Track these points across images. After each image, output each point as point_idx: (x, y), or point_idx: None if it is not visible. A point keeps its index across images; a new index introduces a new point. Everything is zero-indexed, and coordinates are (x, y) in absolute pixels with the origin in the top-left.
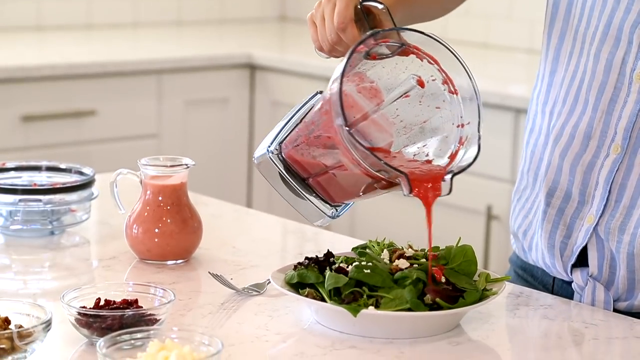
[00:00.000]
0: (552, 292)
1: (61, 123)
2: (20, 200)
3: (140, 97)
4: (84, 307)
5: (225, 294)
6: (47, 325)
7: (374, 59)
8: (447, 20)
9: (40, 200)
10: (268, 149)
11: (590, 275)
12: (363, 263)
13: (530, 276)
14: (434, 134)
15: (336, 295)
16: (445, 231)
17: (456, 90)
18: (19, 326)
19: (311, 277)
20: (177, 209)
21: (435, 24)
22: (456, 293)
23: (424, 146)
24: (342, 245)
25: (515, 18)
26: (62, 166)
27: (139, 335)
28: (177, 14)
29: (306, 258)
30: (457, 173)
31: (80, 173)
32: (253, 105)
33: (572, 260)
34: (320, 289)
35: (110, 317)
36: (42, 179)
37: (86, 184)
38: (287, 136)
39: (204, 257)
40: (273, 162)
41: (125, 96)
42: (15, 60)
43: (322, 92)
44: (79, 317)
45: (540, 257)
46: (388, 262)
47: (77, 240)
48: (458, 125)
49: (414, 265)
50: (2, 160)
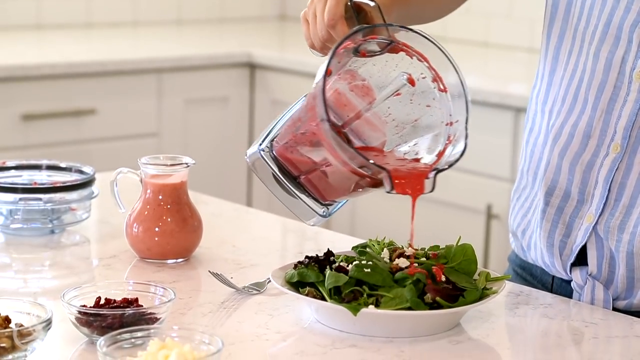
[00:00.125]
0: (551, 291)
1: (61, 122)
2: (20, 199)
3: (140, 96)
4: (84, 306)
5: (226, 293)
6: (48, 324)
7: (364, 56)
8: (447, 19)
9: (40, 199)
10: (259, 147)
11: (590, 274)
12: (363, 262)
13: (529, 275)
14: (424, 132)
15: (336, 294)
16: (445, 230)
17: (445, 88)
18: (20, 325)
19: (311, 276)
20: (177, 207)
21: (435, 22)
22: (456, 292)
23: (415, 145)
24: (342, 244)
25: (515, 17)
26: (63, 165)
27: (139, 334)
28: (177, 13)
29: (306, 257)
30: (442, 170)
31: (81, 172)
32: (253, 104)
33: (572, 259)
34: (320, 288)
35: (110, 316)
36: (43, 177)
37: (86, 183)
38: (277, 134)
39: (204, 256)
40: (264, 160)
41: (125, 95)
42: (15, 59)
43: None
44: (79, 316)
45: (539, 256)
46: (388, 261)
47: (78, 239)
48: (447, 124)
49: (414, 264)
50: (2, 159)
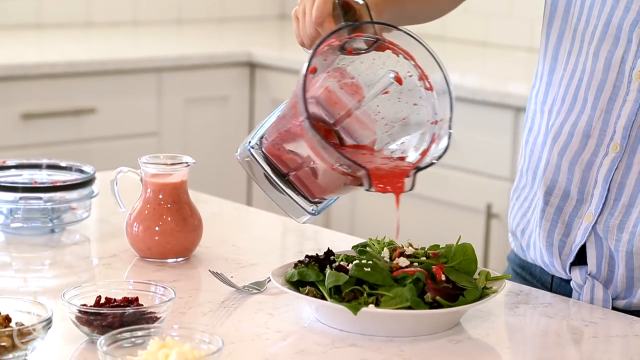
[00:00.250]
0: (550, 290)
1: (61, 121)
2: (20, 198)
3: (140, 95)
4: (84, 305)
5: (226, 292)
6: (48, 323)
7: (350, 53)
8: (446, 18)
9: (40, 198)
10: (249, 144)
11: (589, 274)
12: (363, 261)
13: (528, 274)
14: (412, 130)
15: (336, 294)
16: (445, 229)
17: (431, 86)
18: (20, 324)
19: (311, 275)
20: (177, 207)
21: (435, 22)
22: (456, 291)
23: (402, 143)
24: (342, 243)
25: (515, 16)
26: (63, 164)
27: (139, 333)
28: (177, 12)
29: (306, 256)
30: (423, 169)
31: (81, 171)
32: (253, 103)
33: (571, 259)
34: (320, 287)
35: (110, 315)
36: (43, 177)
37: (86, 182)
38: (266, 131)
39: (204, 255)
40: (253, 157)
41: (125, 94)
42: (15, 58)
43: None
44: (79, 315)
45: (538, 255)
46: (388, 260)
47: (78, 238)
48: (432, 122)
49: (414, 263)
50: (2, 158)
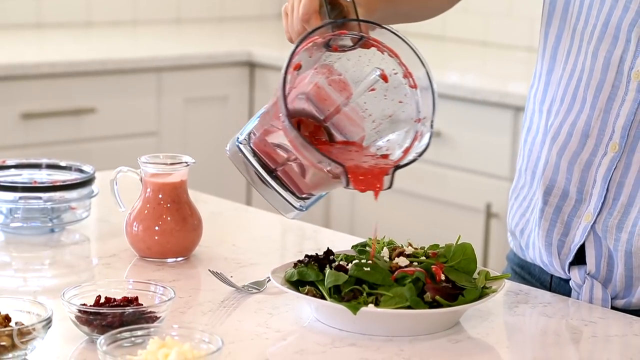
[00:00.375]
0: (549, 290)
1: (61, 121)
2: (20, 198)
3: (140, 95)
4: (84, 304)
5: (225, 292)
6: (48, 322)
7: (336, 50)
8: (445, 18)
9: (40, 198)
10: (238, 140)
11: (588, 273)
12: (363, 261)
13: (527, 274)
14: (397, 127)
15: (336, 293)
16: (444, 229)
17: (415, 84)
18: (20, 324)
19: (311, 275)
20: (177, 206)
21: (435, 22)
22: (456, 291)
23: (388, 140)
24: (341, 243)
25: (514, 16)
26: (62, 164)
27: (139, 332)
28: (176, 12)
29: (306, 256)
30: (402, 167)
31: (81, 171)
32: (253, 103)
33: (570, 259)
34: (320, 287)
35: (110, 315)
36: (42, 176)
37: (86, 182)
38: (254, 126)
39: (204, 254)
40: (242, 152)
41: (125, 94)
42: (15, 58)
43: None
44: (79, 314)
45: (537, 255)
46: (388, 259)
47: (77, 237)
48: (416, 120)
49: (414, 263)
50: (2, 158)
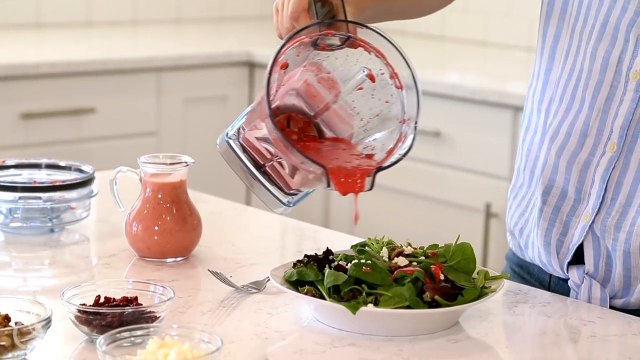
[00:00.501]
0: (548, 289)
1: (61, 121)
2: (20, 198)
3: (139, 95)
4: (83, 304)
5: (225, 292)
6: (47, 322)
7: (324, 49)
8: (445, 17)
9: (40, 198)
10: (227, 135)
11: (587, 273)
12: (362, 261)
13: (526, 273)
14: (384, 127)
15: (335, 293)
16: (444, 229)
17: (402, 85)
18: (19, 323)
19: (310, 275)
20: (176, 206)
21: (434, 21)
22: (455, 291)
23: (374, 139)
24: (341, 243)
25: (514, 15)
26: (62, 164)
27: (138, 332)
28: (176, 12)
29: (305, 256)
30: (386, 168)
31: (80, 171)
32: (252, 102)
33: (568, 258)
34: (319, 287)
35: (110, 315)
36: (42, 176)
37: (86, 182)
38: (243, 122)
39: (204, 254)
40: (231, 148)
41: (124, 94)
42: (15, 58)
43: None
44: (78, 314)
45: (536, 254)
46: (387, 259)
47: (77, 237)
48: (401, 121)
49: (413, 263)
50: (2, 158)
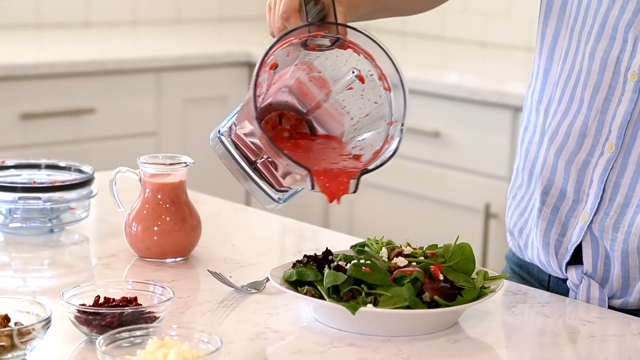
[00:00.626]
0: (547, 289)
1: (60, 121)
2: (19, 198)
3: (139, 95)
4: (83, 304)
5: (224, 292)
6: (47, 322)
7: (313, 50)
8: (444, 18)
9: (39, 198)
10: (219, 132)
11: (585, 273)
12: (362, 261)
13: (526, 273)
14: (373, 128)
15: (335, 293)
16: (443, 229)
17: (390, 87)
18: (19, 324)
19: (310, 275)
20: (176, 207)
21: (433, 22)
22: (454, 291)
23: (363, 140)
24: (340, 243)
25: (513, 16)
26: (62, 164)
27: (138, 332)
28: (176, 12)
29: (305, 256)
30: (371, 171)
31: (80, 171)
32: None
33: (567, 258)
34: (318, 287)
35: (109, 315)
36: (42, 176)
37: (85, 182)
38: (235, 119)
39: (203, 255)
40: (223, 143)
41: (124, 94)
42: (15, 58)
43: None
44: (78, 314)
45: (535, 254)
46: (386, 260)
47: (77, 238)
48: (388, 123)
49: (412, 263)
50: (1, 158)
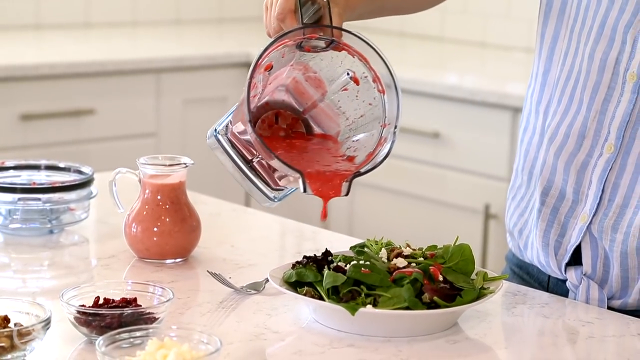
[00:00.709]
0: (547, 290)
1: (60, 122)
2: (19, 199)
3: (139, 96)
4: (83, 305)
5: (224, 293)
6: (47, 323)
7: (308, 51)
8: (444, 18)
9: (39, 199)
10: (216, 130)
11: (584, 274)
12: (361, 262)
13: (526, 274)
14: (367, 129)
15: (334, 294)
16: (443, 230)
17: (383, 89)
18: (19, 325)
19: (309, 276)
20: (175, 207)
21: (432, 22)
22: (454, 292)
23: (358, 141)
24: (340, 244)
25: (513, 17)
26: (61, 165)
27: (137, 333)
28: (175, 13)
29: (304, 257)
30: (363, 174)
31: (79, 172)
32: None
33: (566, 259)
34: (318, 288)
35: (109, 316)
36: (41, 177)
37: (85, 183)
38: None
39: (203, 255)
40: (219, 142)
41: (124, 95)
42: (14, 59)
43: None
44: (78, 315)
45: (535, 255)
46: (386, 260)
47: (76, 239)
48: (382, 125)
49: (412, 264)
50: (1, 159)
